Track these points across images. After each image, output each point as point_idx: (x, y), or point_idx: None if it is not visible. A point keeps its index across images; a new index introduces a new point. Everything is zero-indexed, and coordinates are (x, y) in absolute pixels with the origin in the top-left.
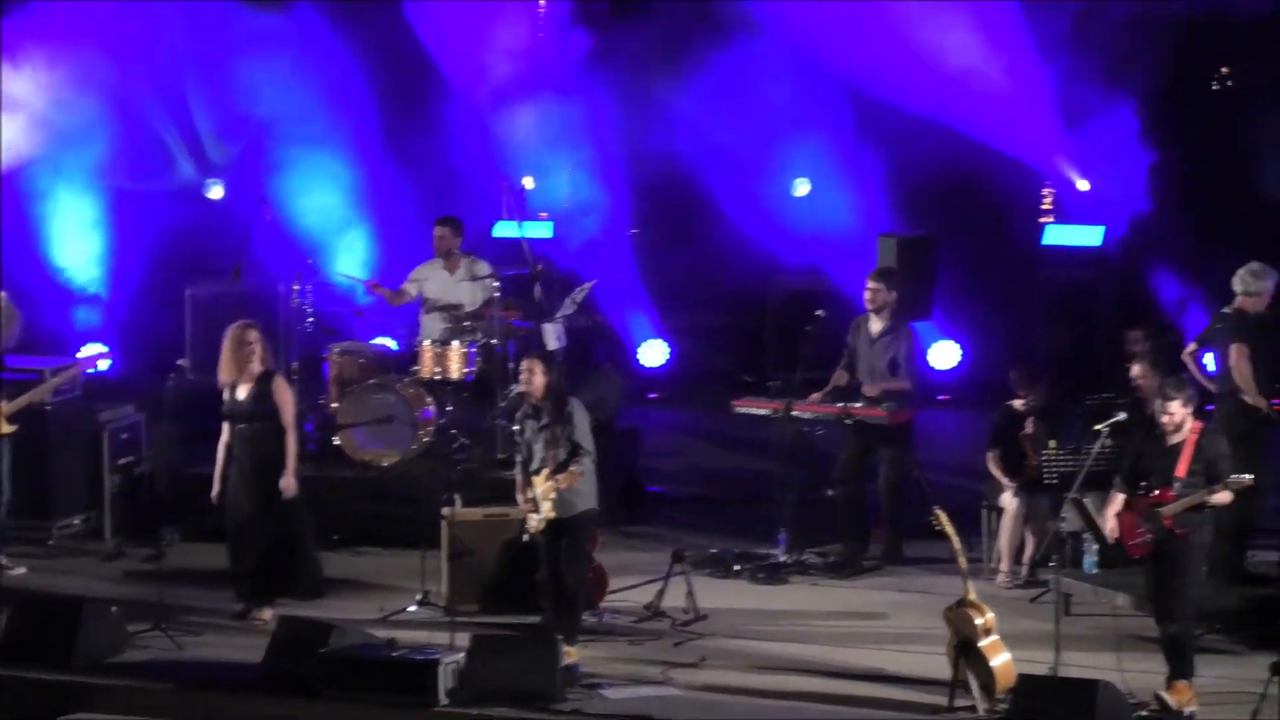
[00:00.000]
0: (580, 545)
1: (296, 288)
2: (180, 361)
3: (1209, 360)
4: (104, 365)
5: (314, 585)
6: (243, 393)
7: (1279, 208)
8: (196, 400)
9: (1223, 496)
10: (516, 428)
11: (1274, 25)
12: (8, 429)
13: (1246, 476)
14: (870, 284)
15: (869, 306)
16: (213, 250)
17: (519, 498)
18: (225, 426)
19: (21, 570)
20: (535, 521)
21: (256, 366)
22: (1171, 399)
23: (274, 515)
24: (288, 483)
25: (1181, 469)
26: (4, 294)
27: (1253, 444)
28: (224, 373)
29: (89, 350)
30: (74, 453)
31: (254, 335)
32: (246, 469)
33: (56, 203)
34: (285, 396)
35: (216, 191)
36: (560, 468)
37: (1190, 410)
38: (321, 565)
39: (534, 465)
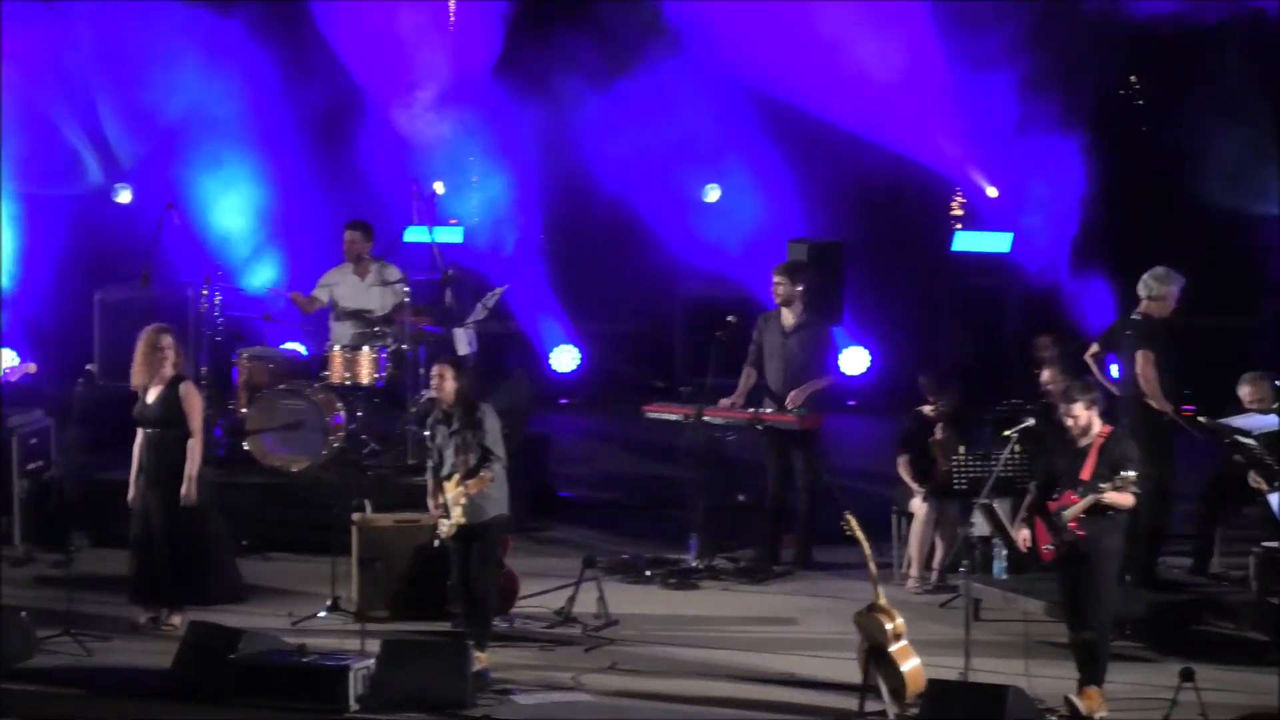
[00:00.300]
0: (490, 551)
1: (205, 293)
2: (89, 366)
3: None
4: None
5: (232, 590)
6: (152, 397)
7: (1198, 212)
8: (105, 405)
9: (1118, 497)
10: (428, 433)
11: (1175, 31)
12: None
13: (1131, 473)
14: (775, 277)
15: (777, 301)
16: (122, 255)
17: (430, 503)
18: (139, 431)
19: None
20: (446, 527)
21: (168, 371)
22: (1074, 402)
23: (182, 521)
24: (187, 490)
25: (1086, 472)
26: None
27: (1161, 449)
28: (136, 376)
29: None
30: None
31: (168, 340)
32: (152, 474)
33: None
34: (193, 403)
35: (125, 196)
36: (471, 473)
37: (1095, 413)
38: (239, 570)
39: (445, 471)
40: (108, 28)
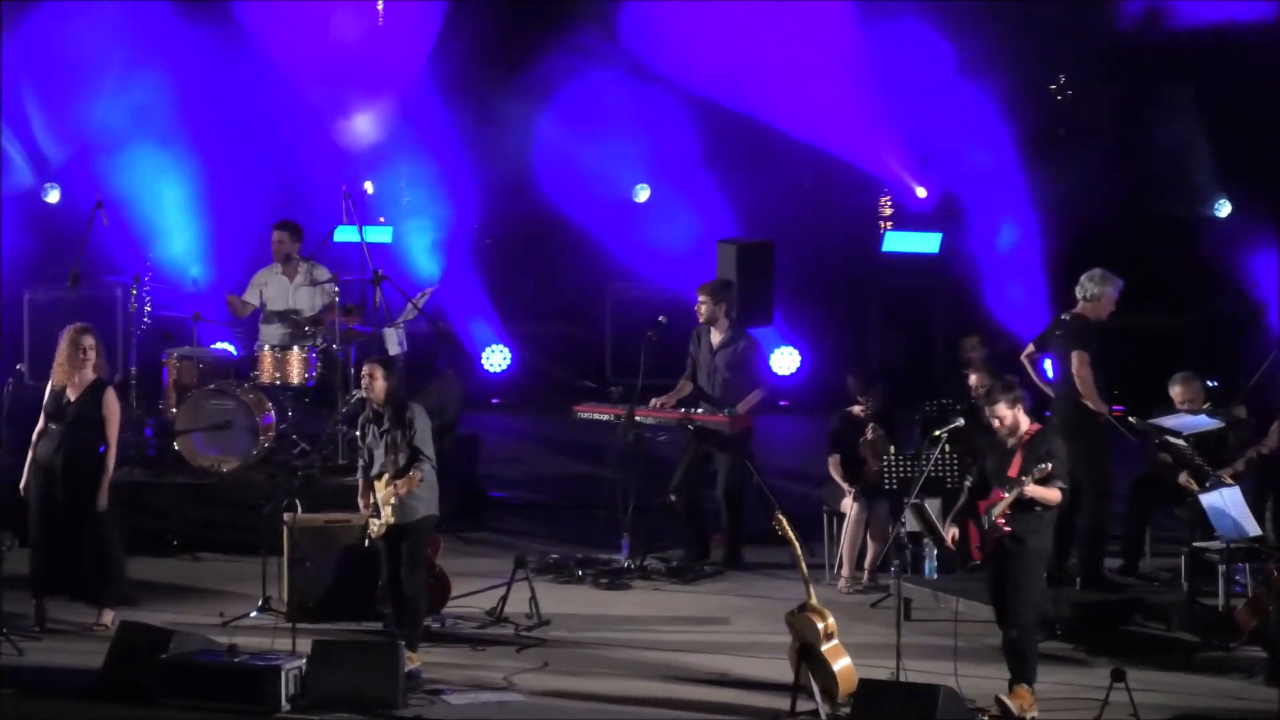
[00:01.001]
0: (420, 550)
1: (135, 292)
2: (19, 366)
3: (1048, 365)
4: None
5: (122, 593)
6: (72, 395)
7: (1129, 212)
8: (34, 405)
9: (1042, 491)
10: (358, 432)
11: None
12: None
13: (1045, 465)
14: (699, 296)
15: (701, 320)
16: (51, 254)
17: (360, 503)
18: (41, 426)
19: None
20: (376, 526)
21: (89, 373)
22: (996, 402)
23: (91, 520)
24: (102, 498)
25: (1014, 469)
26: None
27: (1097, 449)
28: (58, 374)
29: None
30: None
31: (90, 340)
32: (63, 472)
33: None
34: (113, 410)
35: (53, 195)
36: (400, 473)
37: (1020, 411)
38: (126, 573)
39: (375, 470)
40: (34, 24)
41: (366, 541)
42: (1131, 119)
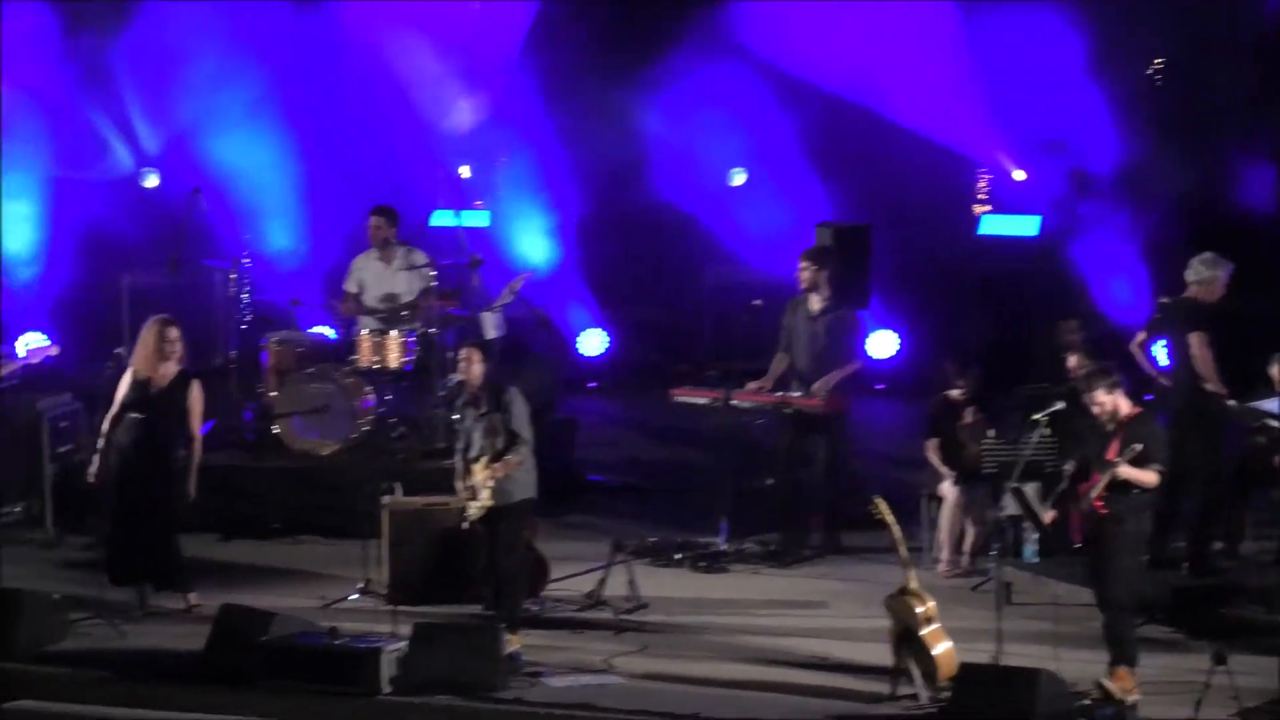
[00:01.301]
0: (517, 533)
1: (234, 277)
2: (117, 350)
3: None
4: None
5: (183, 578)
6: (156, 387)
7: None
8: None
9: (1136, 473)
10: (456, 416)
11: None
12: None
13: (1137, 446)
14: (801, 263)
15: (803, 286)
16: (149, 239)
17: (458, 485)
18: (116, 413)
19: None
20: (474, 509)
21: (173, 365)
22: (1094, 389)
23: (171, 508)
24: (192, 488)
25: (1111, 453)
26: None
27: (1211, 432)
28: (142, 365)
29: (28, 340)
30: (12, 441)
31: (176, 332)
32: (145, 460)
33: None
34: (198, 401)
35: (152, 180)
36: (498, 456)
37: (1117, 396)
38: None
39: (473, 453)
40: (133, 12)
41: (464, 524)
42: (1237, 99)
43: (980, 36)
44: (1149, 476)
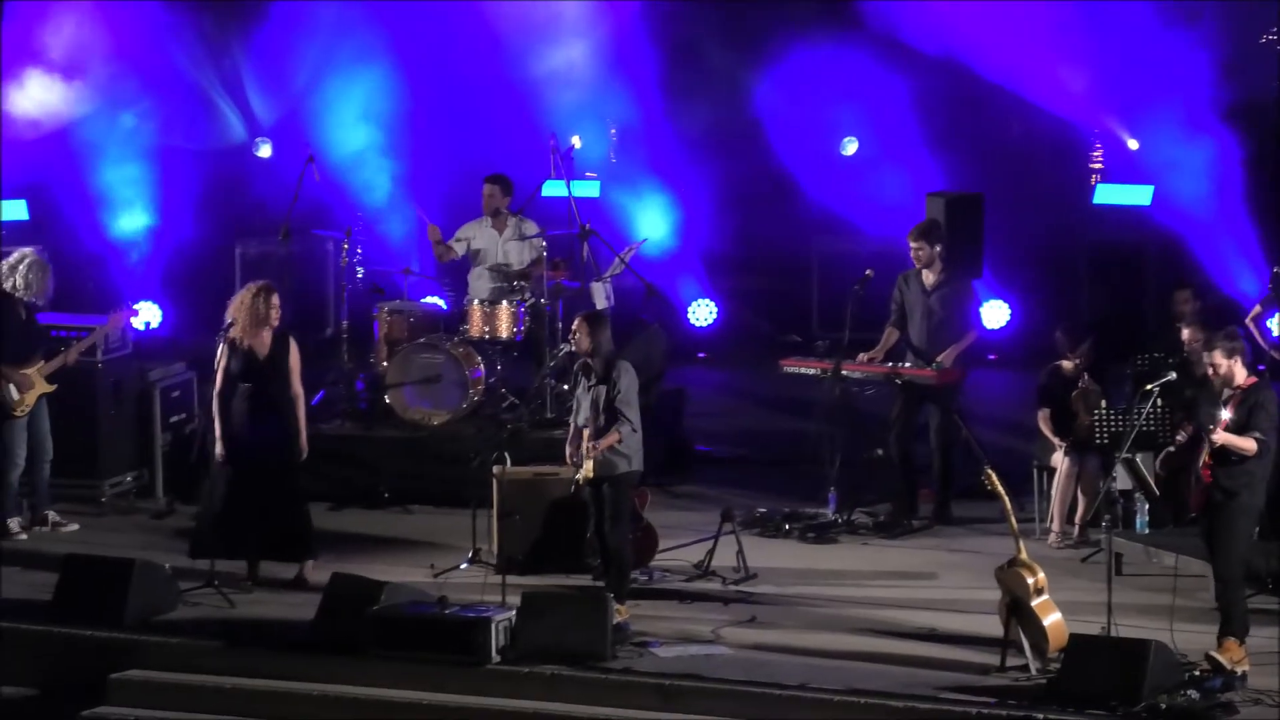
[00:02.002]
0: (621, 504)
1: (346, 246)
2: (228, 317)
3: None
4: (142, 322)
5: (308, 546)
6: (261, 353)
7: None
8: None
9: (1233, 439)
10: (569, 384)
11: None
12: (49, 388)
13: (1223, 412)
14: (911, 243)
15: (918, 265)
16: (263, 208)
17: (568, 449)
18: (224, 386)
19: (74, 528)
20: (581, 474)
21: (272, 327)
22: (1214, 349)
23: (279, 476)
24: (302, 448)
25: (1222, 422)
26: (32, 249)
27: None
28: (244, 332)
29: (139, 309)
30: (125, 411)
31: (276, 299)
32: (254, 428)
33: (107, 161)
34: (297, 360)
35: (265, 150)
36: (600, 432)
37: (1237, 363)
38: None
39: (580, 421)
40: None
41: (573, 489)
42: None
43: (1095, 3)
44: (1247, 443)
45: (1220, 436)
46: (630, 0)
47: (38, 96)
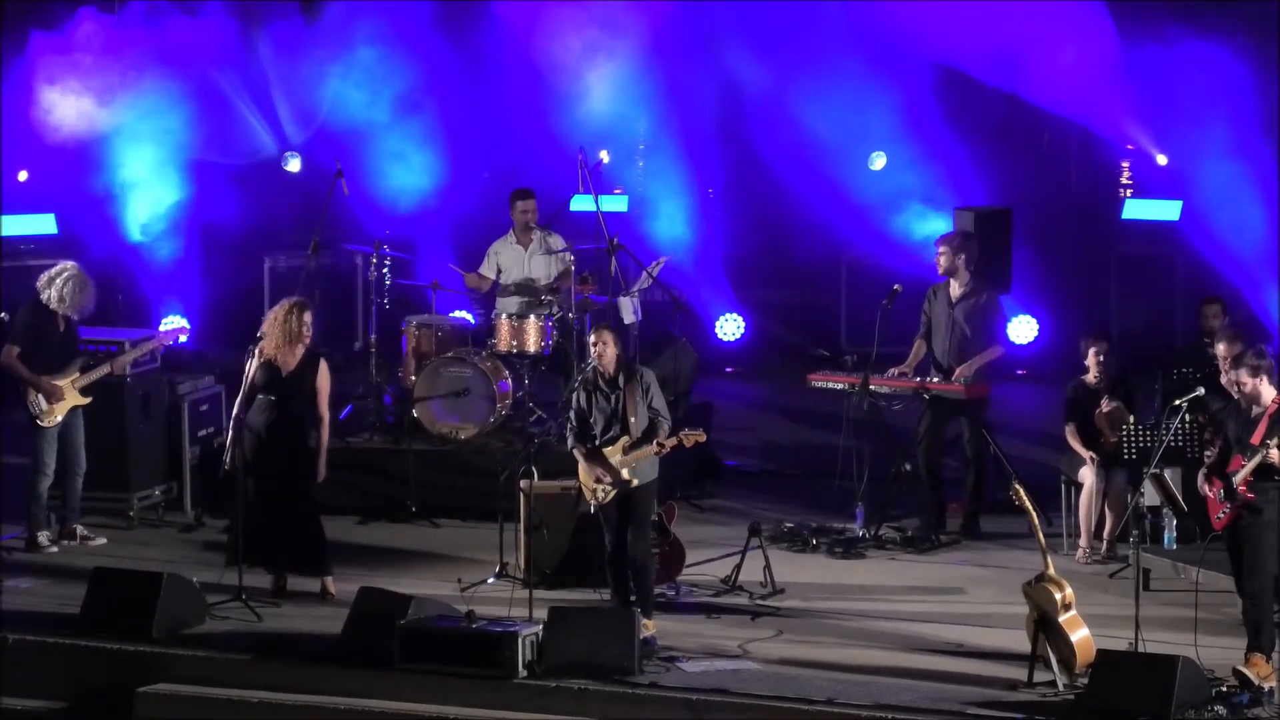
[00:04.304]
0: (648, 515)
1: (374, 261)
2: (260, 334)
3: None
4: (183, 339)
5: (321, 563)
6: (287, 369)
7: None
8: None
9: None
10: (576, 399)
11: None
12: (82, 401)
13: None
14: (938, 248)
15: (940, 270)
16: (292, 223)
17: (583, 469)
18: (245, 399)
19: (101, 541)
20: (602, 493)
21: (302, 348)
22: (1239, 368)
23: (297, 494)
24: (321, 468)
25: (1256, 437)
26: (74, 264)
27: None
28: (274, 348)
29: (169, 323)
30: (154, 424)
31: (309, 316)
32: (280, 442)
33: (137, 175)
34: (326, 382)
35: (294, 164)
36: (647, 435)
37: (1260, 381)
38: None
39: (604, 436)
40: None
41: (591, 509)
42: None
43: (1122, 14)
44: None
45: (1277, 455)
46: (657, 13)
47: (66, 110)
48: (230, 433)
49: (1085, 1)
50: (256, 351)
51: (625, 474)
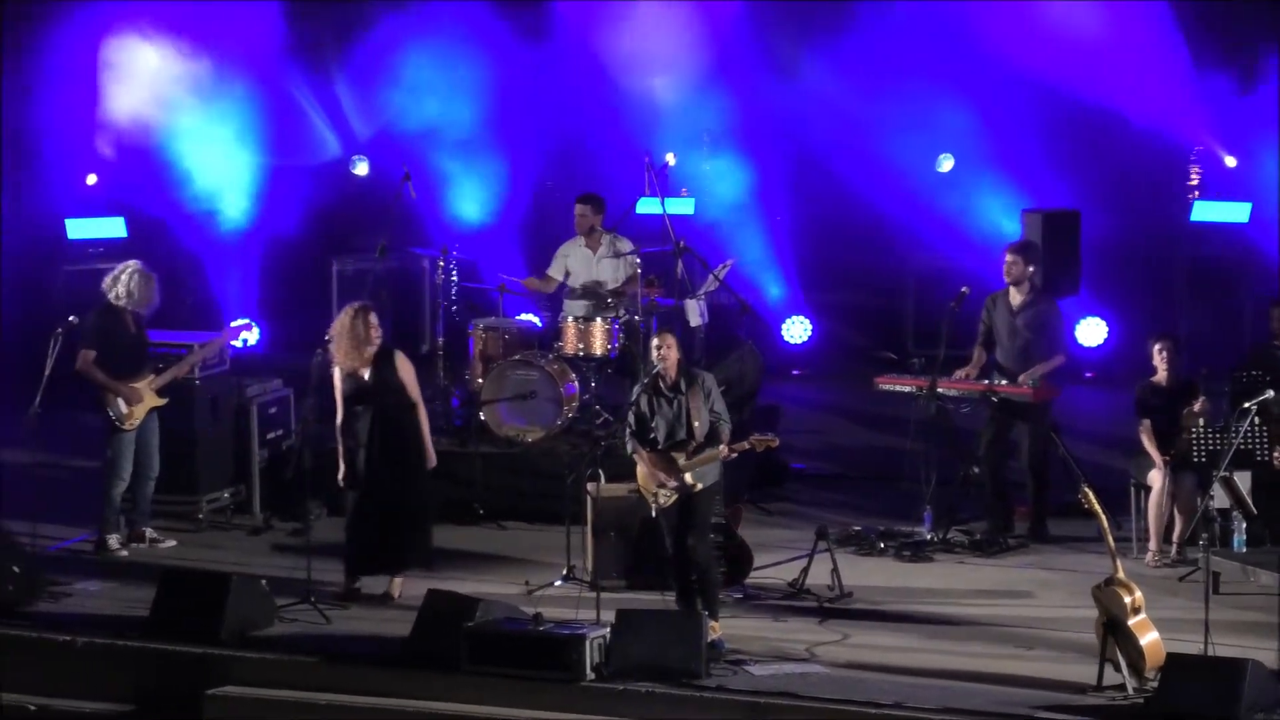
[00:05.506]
0: (709, 516)
1: (441, 263)
2: (327, 337)
3: None
4: (251, 338)
5: (427, 557)
6: (366, 373)
7: None
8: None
9: None
10: (635, 403)
11: None
12: (159, 402)
13: None
14: (1009, 256)
15: (1007, 279)
16: (359, 226)
17: (643, 473)
18: (344, 408)
19: (170, 544)
20: (664, 497)
21: (373, 346)
22: None
23: (416, 489)
24: (430, 455)
25: None
26: (138, 262)
27: None
28: (347, 356)
29: (236, 324)
30: (222, 427)
31: (374, 319)
32: (384, 447)
33: (204, 178)
34: (409, 372)
35: (362, 168)
36: (711, 438)
37: None
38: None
39: (664, 440)
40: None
41: (652, 512)
42: None
43: (1188, 16)
44: None
45: None
46: (726, 16)
47: (135, 112)
48: (340, 449)
49: (1152, 2)
50: (333, 364)
51: (688, 478)
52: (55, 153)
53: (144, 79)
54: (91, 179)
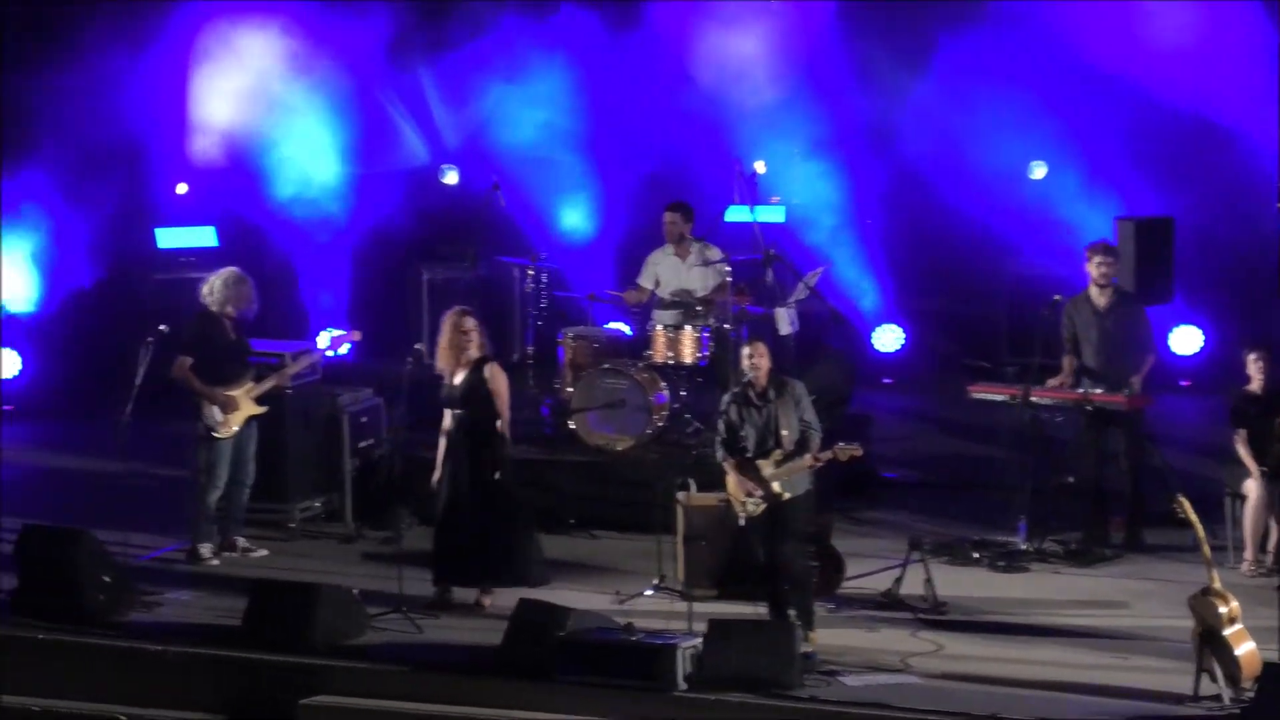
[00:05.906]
0: (801, 526)
1: (531, 272)
2: (417, 345)
3: None
4: (344, 349)
5: (535, 571)
6: (459, 379)
7: None
8: (433, 384)
9: None
10: (727, 413)
11: None
12: (257, 410)
13: None
14: (1099, 256)
15: (1100, 280)
16: (449, 235)
17: (732, 483)
18: (446, 412)
19: (262, 553)
20: (753, 505)
21: (473, 353)
22: None
23: (493, 501)
24: (502, 470)
25: None
26: (235, 268)
27: None
28: (442, 360)
29: (329, 334)
30: (313, 436)
31: (471, 322)
32: (462, 455)
33: (294, 187)
34: (500, 384)
35: (452, 177)
36: (801, 446)
37: None
38: (542, 550)
39: (756, 449)
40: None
41: (741, 521)
42: None
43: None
44: None
45: None
46: (813, 22)
47: (226, 121)
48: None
49: (1245, 2)
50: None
51: (776, 487)
52: (146, 161)
53: (237, 85)
54: (182, 188)
